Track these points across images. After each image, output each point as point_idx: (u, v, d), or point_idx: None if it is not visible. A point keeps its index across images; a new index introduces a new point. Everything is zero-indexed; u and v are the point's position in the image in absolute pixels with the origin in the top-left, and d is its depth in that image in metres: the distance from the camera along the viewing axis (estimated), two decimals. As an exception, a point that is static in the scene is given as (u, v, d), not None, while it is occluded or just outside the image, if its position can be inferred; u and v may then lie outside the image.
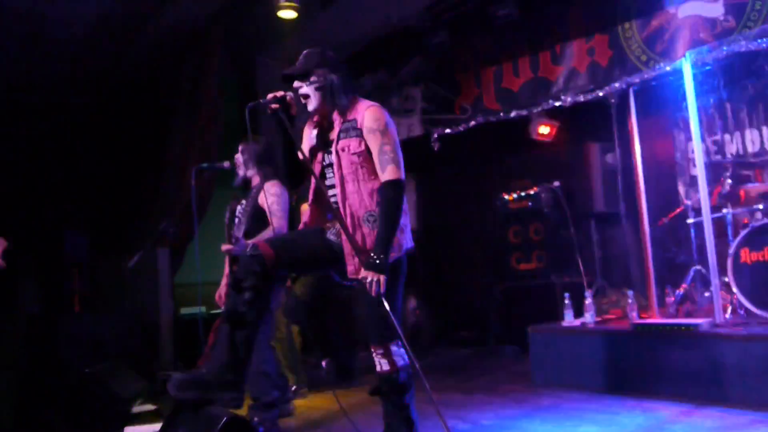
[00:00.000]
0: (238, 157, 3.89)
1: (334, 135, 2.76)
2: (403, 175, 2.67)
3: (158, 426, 2.92)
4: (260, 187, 3.72)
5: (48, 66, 6.68)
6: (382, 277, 2.52)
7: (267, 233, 3.50)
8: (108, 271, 6.11)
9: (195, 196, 4.30)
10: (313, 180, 2.85)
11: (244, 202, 3.84)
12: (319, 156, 2.84)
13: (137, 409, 4.28)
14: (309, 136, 2.92)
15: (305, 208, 3.29)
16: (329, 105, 2.76)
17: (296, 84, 2.78)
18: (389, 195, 2.62)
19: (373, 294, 2.50)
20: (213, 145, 6.40)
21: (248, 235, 3.64)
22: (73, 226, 6.15)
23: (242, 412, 2.58)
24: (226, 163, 3.99)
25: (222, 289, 3.91)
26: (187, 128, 6.51)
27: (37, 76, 6.76)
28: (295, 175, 2.87)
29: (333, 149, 2.74)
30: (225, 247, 3.60)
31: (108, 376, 4.34)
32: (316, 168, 2.83)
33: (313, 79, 2.75)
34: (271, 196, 3.65)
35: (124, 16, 6.13)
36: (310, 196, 2.90)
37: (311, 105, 2.77)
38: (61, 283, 5.70)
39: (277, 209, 3.62)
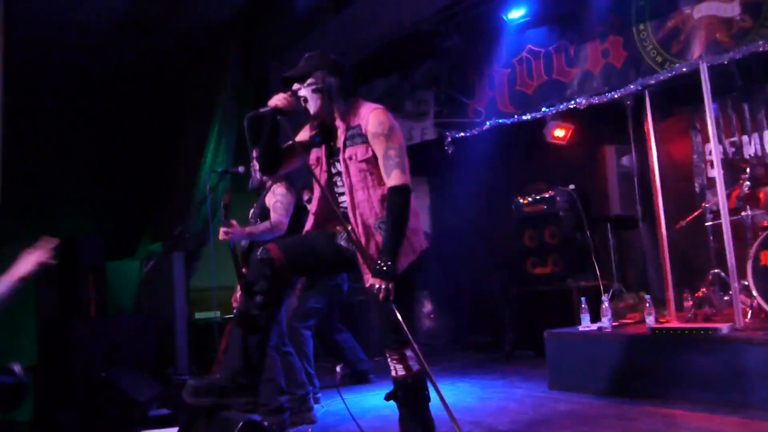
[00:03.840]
0: (256, 163, 3.92)
1: (339, 143, 2.73)
2: (408, 180, 2.63)
3: (174, 431, 2.92)
4: (269, 189, 3.81)
5: (63, 72, 6.75)
6: (391, 284, 2.50)
7: (263, 226, 3.67)
8: (123, 276, 6.14)
9: (209, 200, 4.33)
10: (316, 188, 2.83)
11: (255, 205, 3.90)
12: (324, 164, 2.82)
13: (153, 413, 4.29)
14: (306, 140, 2.90)
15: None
16: (327, 108, 2.74)
17: (295, 86, 2.76)
18: (395, 201, 2.59)
19: (381, 300, 2.49)
20: (227, 149, 6.43)
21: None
22: (88, 231, 6.19)
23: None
24: (241, 168, 4.00)
25: (239, 292, 3.92)
26: (201, 132, 6.54)
27: (52, 82, 6.83)
28: (271, 163, 2.84)
29: (340, 158, 2.72)
30: (223, 231, 3.61)
31: (124, 380, 4.35)
32: (322, 176, 2.81)
33: (310, 81, 2.73)
34: (276, 195, 3.76)
35: (139, 22, 6.19)
36: (314, 205, 2.89)
37: (309, 108, 2.75)
38: (77, 288, 5.73)
39: (279, 207, 3.73)
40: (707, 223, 4.93)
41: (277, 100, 2.71)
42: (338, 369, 5.88)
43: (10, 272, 2.98)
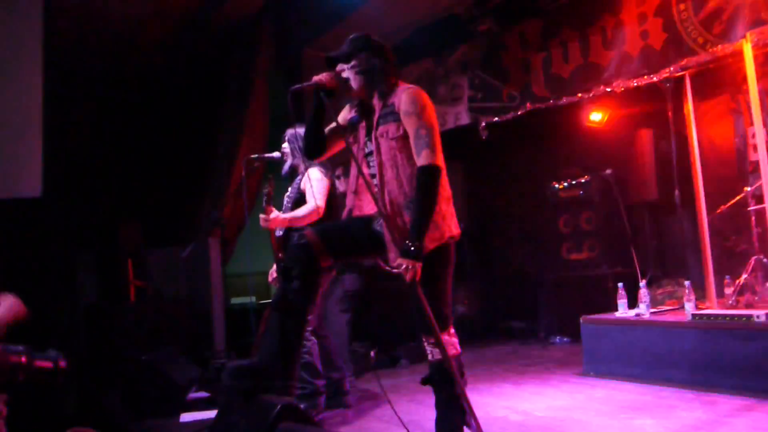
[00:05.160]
0: (286, 147, 3.95)
1: (374, 121, 2.73)
2: (438, 160, 2.59)
3: (213, 413, 2.98)
4: (303, 174, 3.82)
5: (100, 61, 6.86)
6: (418, 265, 2.48)
7: (303, 210, 3.68)
8: (162, 262, 6.25)
9: (245, 187, 4.38)
10: (354, 167, 2.83)
11: (290, 189, 3.93)
12: (362, 143, 2.83)
13: (192, 396, 4.38)
14: (346, 120, 2.90)
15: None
16: (369, 89, 2.74)
17: (339, 67, 2.77)
18: (423, 181, 2.56)
19: (408, 281, 2.48)
20: (262, 136, 6.49)
21: None
22: (127, 218, 6.31)
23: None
24: (276, 154, 4.04)
25: (274, 269, 3.95)
26: (236, 120, 6.61)
27: (90, 71, 6.95)
28: (316, 145, 2.85)
29: (373, 135, 2.72)
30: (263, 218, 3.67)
31: (164, 363, 4.44)
32: (360, 155, 2.81)
33: (354, 62, 2.73)
34: (312, 180, 3.76)
35: (175, 11, 6.25)
36: (352, 185, 2.89)
37: (352, 88, 2.76)
38: (117, 274, 5.86)
39: (315, 191, 3.74)
40: (750, 208, 4.81)
41: (322, 76, 2.72)
42: (372, 353, 5.91)
43: None
